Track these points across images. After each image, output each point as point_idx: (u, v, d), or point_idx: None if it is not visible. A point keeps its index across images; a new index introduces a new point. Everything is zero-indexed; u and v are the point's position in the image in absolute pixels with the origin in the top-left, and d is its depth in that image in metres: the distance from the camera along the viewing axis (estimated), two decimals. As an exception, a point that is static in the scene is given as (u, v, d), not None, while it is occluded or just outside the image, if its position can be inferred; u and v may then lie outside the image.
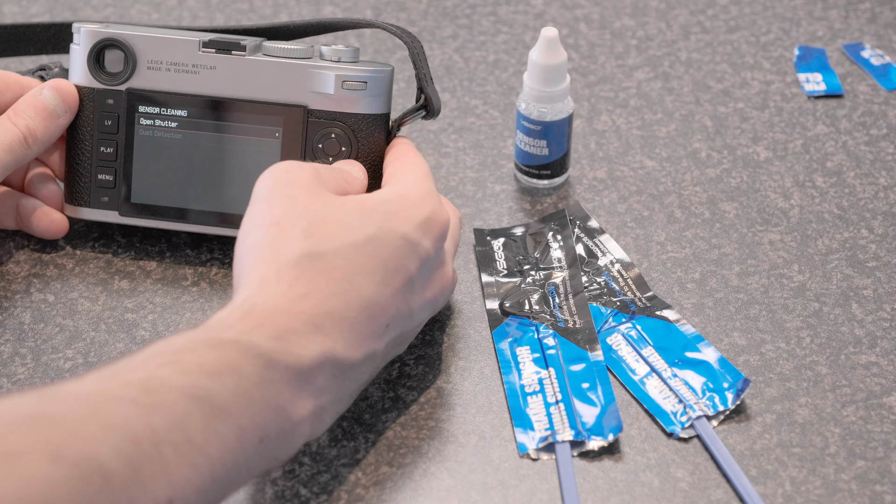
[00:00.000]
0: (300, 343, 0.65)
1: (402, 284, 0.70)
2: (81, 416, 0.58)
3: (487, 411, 0.76)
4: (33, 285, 0.83)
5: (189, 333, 0.65)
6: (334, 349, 0.67)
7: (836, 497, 0.72)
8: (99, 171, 0.83)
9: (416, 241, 0.71)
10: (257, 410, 0.63)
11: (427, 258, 0.72)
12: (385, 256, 0.69)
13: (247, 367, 0.63)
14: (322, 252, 0.68)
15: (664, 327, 0.80)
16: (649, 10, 1.05)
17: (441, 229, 0.73)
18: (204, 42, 0.81)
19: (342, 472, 0.73)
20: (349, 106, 0.80)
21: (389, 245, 0.70)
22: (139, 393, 0.60)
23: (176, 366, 0.62)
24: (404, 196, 0.72)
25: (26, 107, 0.81)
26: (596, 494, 0.72)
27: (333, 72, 0.80)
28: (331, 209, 0.70)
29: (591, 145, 0.94)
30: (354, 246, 0.69)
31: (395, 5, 1.05)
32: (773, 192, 0.90)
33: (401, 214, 0.71)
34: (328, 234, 0.69)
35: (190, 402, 0.61)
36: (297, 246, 0.68)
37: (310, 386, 0.66)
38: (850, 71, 1.00)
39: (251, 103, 0.81)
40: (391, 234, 0.70)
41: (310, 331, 0.66)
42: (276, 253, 0.68)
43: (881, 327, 0.81)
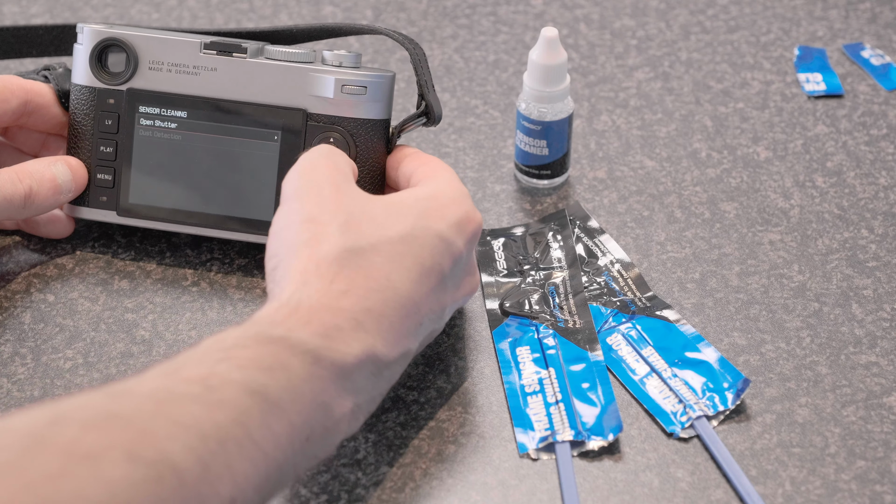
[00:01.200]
0: (344, 340, 0.66)
1: (436, 283, 0.70)
2: (151, 413, 0.58)
3: (487, 411, 0.76)
4: (33, 285, 0.83)
5: (240, 329, 0.65)
6: (375, 346, 0.67)
7: (836, 497, 0.72)
8: (98, 171, 0.83)
9: (451, 241, 0.71)
10: (306, 407, 0.64)
11: (460, 258, 0.72)
12: (421, 254, 0.70)
13: (295, 364, 0.64)
14: (361, 248, 0.69)
15: (664, 327, 0.80)
16: (649, 10, 1.05)
17: (474, 230, 0.73)
18: (205, 44, 0.81)
19: (342, 472, 0.73)
20: (348, 110, 0.80)
21: (426, 243, 0.70)
22: (201, 390, 0.60)
23: (232, 361, 0.62)
24: (438, 195, 0.73)
25: (37, 172, 0.81)
26: (596, 494, 0.72)
27: (333, 76, 0.80)
28: (364, 206, 0.71)
29: (591, 145, 0.94)
30: (391, 243, 0.69)
31: (395, 5, 1.05)
32: (773, 192, 0.90)
33: (435, 213, 0.71)
34: (364, 230, 0.69)
35: (248, 397, 0.61)
36: (334, 241, 0.68)
37: (350, 384, 0.66)
38: (850, 71, 1.00)
39: (251, 105, 0.81)
40: (426, 231, 0.70)
41: (353, 328, 0.66)
42: (315, 248, 0.68)
43: (881, 327, 0.81)
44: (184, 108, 0.81)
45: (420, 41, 1.02)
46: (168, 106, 0.82)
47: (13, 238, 0.86)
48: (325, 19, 1.04)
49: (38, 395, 0.76)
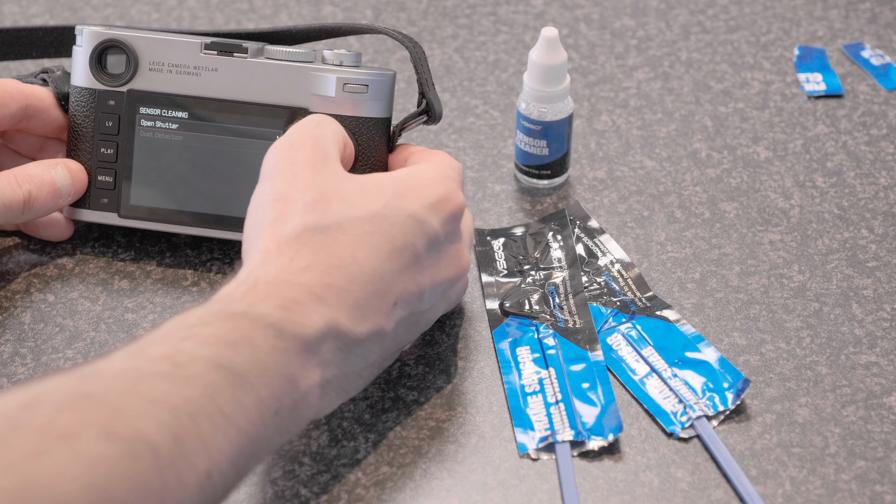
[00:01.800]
0: (304, 313, 0.66)
1: (408, 262, 0.70)
2: (122, 392, 0.59)
3: (487, 411, 0.76)
4: (33, 285, 0.83)
5: (201, 308, 0.65)
6: (338, 320, 0.67)
7: (836, 497, 0.72)
8: (99, 173, 0.83)
9: (424, 220, 0.71)
10: (272, 380, 0.64)
11: (436, 238, 0.71)
12: (391, 233, 0.70)
13: (259, 337, 0.64)
14: (325, 226, 0.69)
15: (664, 327, 0.80)
16: (649, 10, 1.05)
17: (452, 211, 0.72)
18: (206, 44, 0.81)
19: (342, 472, 0.73)
20: (350, 109, 0.80)
21: (395, 222, 0.70)
22: (169, 367, 0.61)
23: (196, 338, 0.63)
24: (417, 176, 0.72)
25: (36, 176, 0.81)
26: (596, 494, 0.72)
27: (335, 74, 0.80)
28: (336, 185, 0.71)
29: (591, 145, 0.94)
30: (359, 221, 0.69)
31: (395, 5, 1.05)
32: (774, 192, 0.90)
33: (410, 194, 0.71)
34: (332, 208, 0.69)
35: (216, 371, 0.62)
36: (299, 220, 0.69)
37: (316, 357, 0.66)
38: (850, 71, 1.00)
39: (252, 105, 0.81)
40: (398, 211, 0.70)
41: (312, 301, 0.66)
42: (279, 227, 0.69)
43: (881, 327, 0.81)
44: (185, 108, 0.81)
45: (420, 41, 1.02)
46: (169, 107, 0.82)
47: (13, 238, 0.86)
48: (325, 19, 1.04)
49: (38, 395, 0.76)
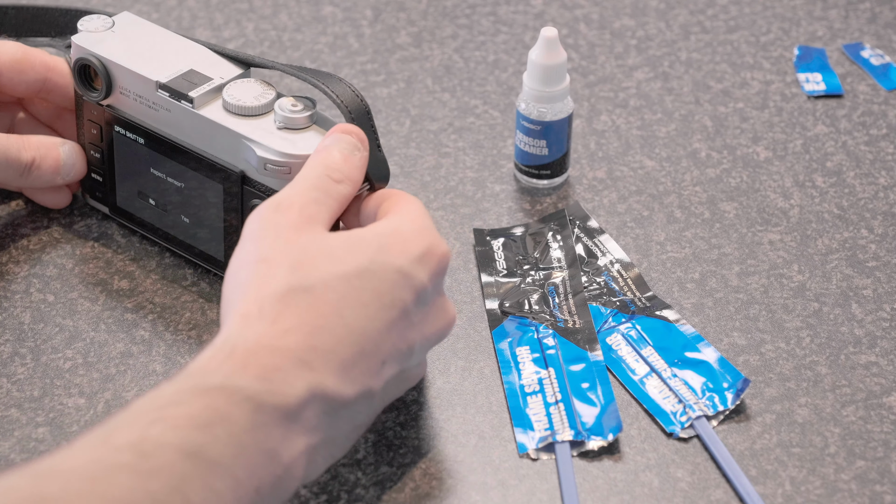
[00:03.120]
0: (286, 381, 0.62)
1: (396, 319, 0.67)
2: (80, 493, 0.56)
3: (487, 411, 0.76)
4: (33, 285, 0.83)
5: (174, 383, 0.62)
6: (324, 384, 0.63)
7: (836, 497, 0.72)
8: (91, 171, 0.86)
9: (412, 275, 0.67)
10: (251, 459, 0.60)
11: (423, 292, 0.68)
12: (379, 290, 0.66)
13: (236, 414, 0.60)
14: (310, 285, 0.65)
15: (664, 327, 0.80)
16: (649, 10, 1.05)
17: (439, 263, 0.69)
18: (160, 84, 0.79)
19: (342, 472, 0.73)
20: (276, 184, 0.77)
21: (383, 278, 0.67)
22: (133, 457, 0.57)
23: (166, 422, 0.59)
24: (400, 229, 0.69)
25: (43, 146, 0.83)
26: (596, 494, 0.72)
27: (259, 151, 0.76)
28: (320, 243, 0.67)
29: (591, 145, 0.94)
30: (345, 278, 0.66)
31: (395, 5, 1.05)
32: (773, 192, 0.90)
33: (396, 247, 0.68)
34: (317, 267, 0.66)
35: (185, 460, 0.58)
36: (283, 280, 0.65)
37: (299, 425, 0.63)
38: (850, 71, 1.00)
39: (197, 154, 0.79)
40: (385, 266, 0.67)
41: (295, 366, 0.63)
42: (261, 289, 0.65)
43: (881, 327, 0.81)
44: (147, 137, 0.81)
45: (420, 41, 1.02)
46: (135, 132, 0.82)
47: (13, 238, 0.86)
48: (325, 19, 1.04)
49: (37, 395, 0.76)
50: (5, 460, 0.73)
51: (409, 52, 1.01)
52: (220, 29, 1.03)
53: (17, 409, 0.76)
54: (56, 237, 0.86)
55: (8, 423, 0.75)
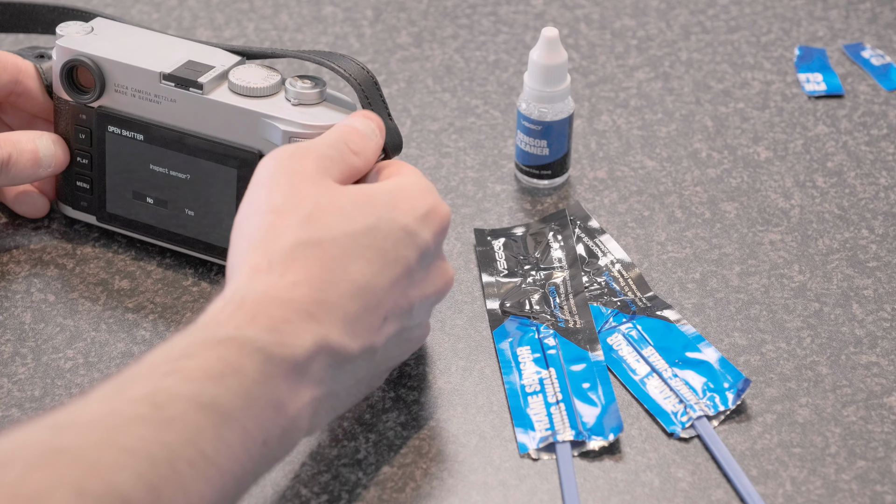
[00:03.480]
0: (294, 333, 0.64)
1: (400, 275, 0.68)
2: (97, 443, 0.56)
3: (488, 411, 0.76)
4: (33, 285, 0.83)
5: (186, 335, 0.63)
6: (329, 337, 0.65)
7: (837, 497, 0.72)
8: (77, 178, 0.85)
9: (417, 233, 0.69)
10: (260, 411, 0.62)
11: (427, 250, 0.70)
12: (384, 246, 0.68)
13: (247, 365, 0.62)
14: (318, 240, 0.67)
15: (665, 327, 0.80)
16: (649, 10, 1.05)
17: (442, 223, 0.71)
18: (164, 75, 0.79)
19: (342, 472, 0.73)
20: None
21: (389, 235, 0.68)
22: (148, 409, 0.58)
23: (179, 374, 0.60)
24: (406, 188, 0.71)
25: (19, 142, 0.82)
26: (596, 494, 0.72)
27: (282, 125, 0.77)
28: (332, 198, 0.69)
29: (592, 145, 0.94)
30: (352, 235, 0.67)
31: (395, 5, 1.05)
32: (774, 192, 0.90)
33: (402, 205, 0.69)
34: (326, 222, 0.67)
35: (199, 411, 0.59)
36: (292, 235, 0.67)
37: (306, 377, 0.64)
38: (851, 71, 1.00)
39: (209, 140, 0.80)
40: (392, 223, 0.69)
41: (303, 319, 0.64)
42: (271, 242, 0.67)
43: (882, 327, 0.81)
44: (147, 132, 0.81)
45: (420, 41, 1.02)
46: (133, 129, 0.81)
47: (13, 238, 0.86)
48: (326, 19, 1.04)
49: (38, 395, 0.76)
50: (6, 460, 0.73)
51: (410, 52, 1.01)
52: (221, 29, 1.03)
53: (18, 409, 0.76)
54: (57, 237, 0.86)
55: (8, 423, 0.75)
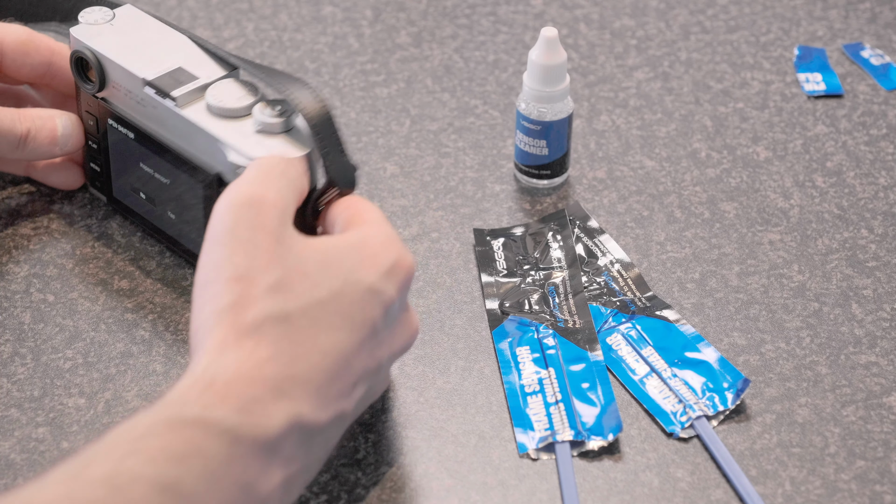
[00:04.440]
0: (265, 413, 0.61)
1: (367, 337, 0.66)
2: None
3: (487, 411, 0.76)
4: (33, 285, 0.83)
5: (150, 413, 0.60)
6: (301, 413, 0.63)
7: (836, 497, 0.72)
8: (91, 160, 0.87)
9: (381, 290, 0.66)
10: (227, 492, 0.59)
11: (391, 306, 0.67)
12: (350, 311, 0.65)
13: (213, 448, 0.59)
14: (287, 313, 0.64)
15: (664, 327, 0.80)
16: (649, 10, 1.05)
17: (406, 275, 0.68)
18: (146, 81, 0.79)
19: (342, 472, 0.73)
20: None
21: (355, 298, 0.66)
22: (107, 492, 0.56)
23: (141, 455, 0.58)
24: (370, 241, 0.68)
25: (39, 118, 0.83)
26: (596, 494, 0.72)
27: (231, 156, 0.76)
28: (297, 261, 0.65)
29: (591, 145, 0.94)
30: (320, 303, 0.65)
31: (395, 5, 1.05)
32: (773, 192, 0.90)
33: (366, 262, 0.67)
34: (294, 291, 0.64)
35: (160, 494, 0.57)
36: (260, 307, 0.64)
37: (278, 456, 0.62)
38: (850, 71, 1.00)
39: (178, 153, 0.79)
40: (356, 285, 0.66)
41: (274, 397, 0.62)
42: (239, 314, 0.63)
43: (881, 327, 0.81)
44: (137, 132, 0.81)
45: (420, 41, 1.02)
46: (126, 126, 0.82)
47: (13, 238, 0.86)
48: (325, 20, 1.04)
49: (37, 395, 0.76)
50: (5, 460, 0.73)
51: (409, 52, 1.01)
52: (220, 29, 1.03)
53: (18, 409, 0.76)
54: (56, 237, 0.86)
55: (8, 423, 0.75)
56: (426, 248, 0.86)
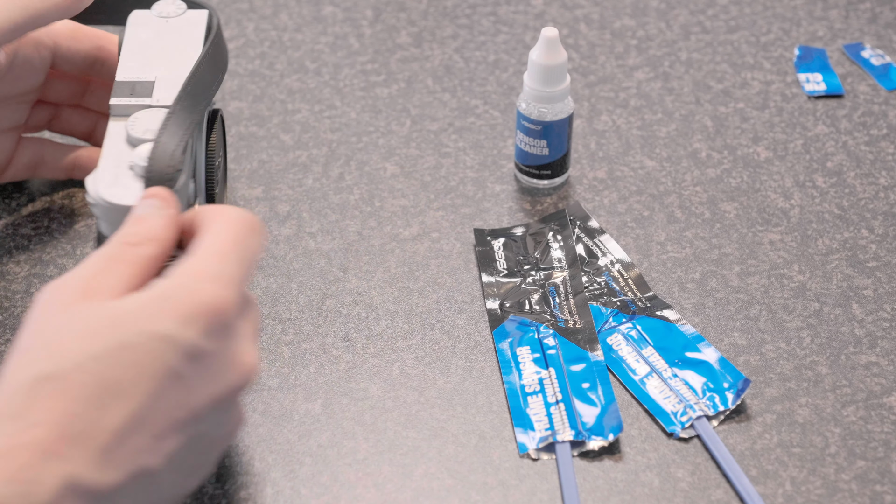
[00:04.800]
0: (36, 478, 0.58)
1: (165, 387, 0.61)
2: None
3: (488, 411, 0.76)
4: (33, 285, 0.83)
5: None
6: (79, 475, 0.59)
7: (837, 497, 0.72)
8: None
9: (178, 338, 0.61)
10: None
11: (197, 352, 0.62)
12: (139, 362, 0.61)
13: None
14: (59, 371, 0.60)
15: (664, 327, 0.80)
16: (649, 10, 1.05)
17: (212, 317, 0.62)
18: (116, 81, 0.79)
19: (342, 472, 0.73)
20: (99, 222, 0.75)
21: (144, 349, 0.61)
22: None
23: None
24: (168, 290, 0.63)
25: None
26: (596, 494, 0.72)
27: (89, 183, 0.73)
28: (81, 320, 0.62)
29: (591, 145, 0.94)
30: (99, 358, 0.60)
31: (395, 5, 1.05)
32: (774, 192, 0.90)
33: (159, 312, 0.62)
34: (68, 348, 0.60)
35: None
36: (30, 371, 0.60)
37: None
38: (851, 71, 1.00)
39: None
40: (141, 336, 0.61)
41: (45, 461, 0.58)
42: (11, 382, 0.60)
43: (881, 327, 0.81)
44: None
45: (420, 41, 1.02)
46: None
47: (13, 238, 0.86)
48: (325, 20, 1.04)
49: (38, 395, 0.76)
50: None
51: (410, 52, 1.01)
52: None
53: (18, 409, 0.76)
54: (56, 237, 0.86)
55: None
56: (426, 248, 0.86)
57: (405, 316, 0.82)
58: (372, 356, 0.79)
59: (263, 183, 0.90)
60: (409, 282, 0.84)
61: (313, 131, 0.94)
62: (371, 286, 0.83)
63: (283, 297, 0.83)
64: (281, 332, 0.81)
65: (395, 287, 0.83)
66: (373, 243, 0.86)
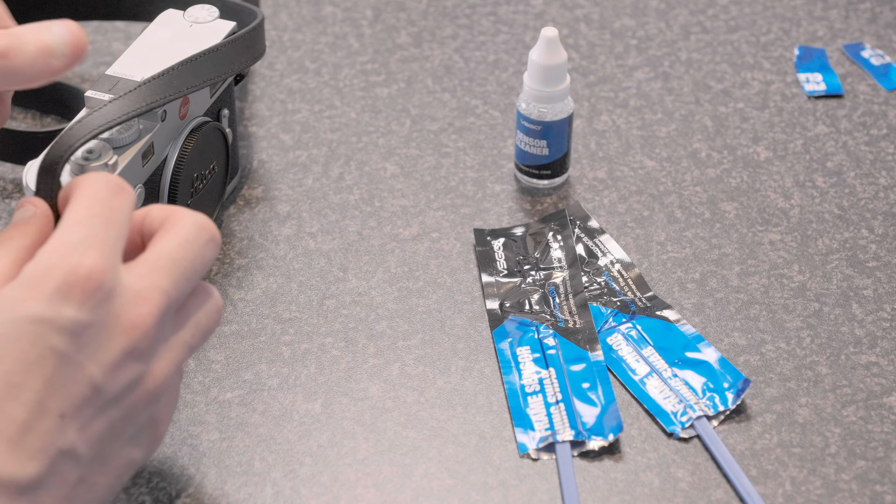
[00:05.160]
0: None
1: (56, 369, 0.59)
2: None
3: (488, 411, 0.76)
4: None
5: None
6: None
7: (837, 497, 0.72)
8: None
9: (49, 317, 0.59)
10: None
11: (75, 326, 0.60)
12: (20, 349, 0.59)
13: None
14: None
15: (664, 327, 0.80)
16: (649, 10, 1.05)
17: (84, 285, 0.60)
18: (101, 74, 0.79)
19: (342, 472, 0.73)
20: None
21: (20, 336, 0.59)
22: None
23: None
24: (32, 270, 0.60)
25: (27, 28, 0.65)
26: (596, 494, 0.72)
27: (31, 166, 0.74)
28: None
29: (591, 145, 0.94)
30: None
31: (395, 5, 1.05)
32: (774, 192, 0.90)
33: (26, 296, 0.60)
34: None
35: None
36: None
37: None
38: (850, 71, 1.00)
39: None
40: (15, 323, 0.59)
41: None
42: None
43: (881, 327, 0.81)
44: None
45: (420, 41, 1.02)
46: None
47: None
48: (325, 20, 1.04)
49: (38, 395, 0.76)
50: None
51: (410, 52, 1.01)
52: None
53: (18, 409, 0.76)
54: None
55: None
56: (426, 248, 0.86)
57: (405, 316, 0.82)
58: (372, 356, 0.79)
59: (263, 183, 0.90)
60: (409, 282, 0.84)
61: (313, 131, 0.94)
62: (371, 286, 0.83)
63: (283, 297, 0.83)
64: (281, 332, 0.81)
65: (395, 287, 0.83)
66: (373, 243, 0.86)
